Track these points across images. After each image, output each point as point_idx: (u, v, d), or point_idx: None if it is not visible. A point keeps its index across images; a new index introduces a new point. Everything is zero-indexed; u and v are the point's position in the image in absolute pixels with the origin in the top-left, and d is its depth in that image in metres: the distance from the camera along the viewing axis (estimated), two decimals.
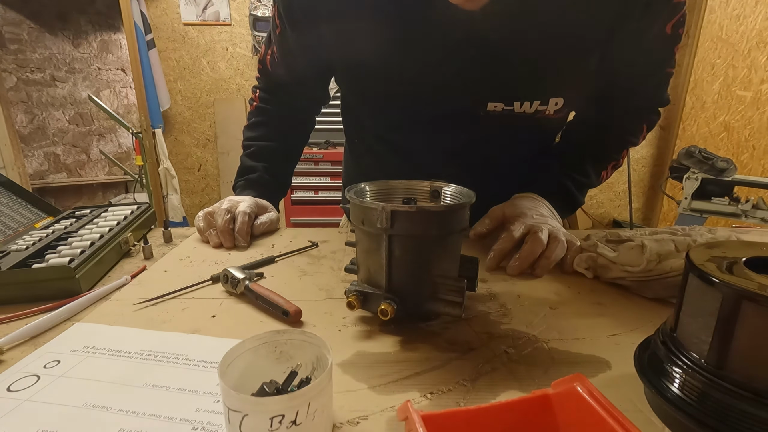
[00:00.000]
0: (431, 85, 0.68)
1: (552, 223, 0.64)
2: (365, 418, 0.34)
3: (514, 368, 0.40)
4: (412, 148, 0.79)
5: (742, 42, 2.56)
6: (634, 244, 0.57)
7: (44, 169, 4.22)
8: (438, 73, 0.66)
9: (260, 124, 0.88)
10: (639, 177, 3.15)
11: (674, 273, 0.52)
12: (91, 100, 2.71)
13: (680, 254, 0.53)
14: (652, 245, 0.55)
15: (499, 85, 0.66)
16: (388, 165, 0.83)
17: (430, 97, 0.69)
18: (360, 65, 0.71)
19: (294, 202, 2.66)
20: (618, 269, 0.57)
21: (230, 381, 0.31)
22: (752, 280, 0.29)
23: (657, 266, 0.53)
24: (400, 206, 0.42)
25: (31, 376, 0.39)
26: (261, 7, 2.68)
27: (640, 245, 0.56)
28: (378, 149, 0.84)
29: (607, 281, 0.59)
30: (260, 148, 0.87)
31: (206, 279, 0.59)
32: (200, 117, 2.95)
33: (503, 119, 0.69)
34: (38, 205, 0.82)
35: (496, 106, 0.67)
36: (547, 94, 0.65)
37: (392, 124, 0.78)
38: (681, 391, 0.31)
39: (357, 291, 0.46)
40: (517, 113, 0.67)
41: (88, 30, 4.12)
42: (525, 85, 0.66)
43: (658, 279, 0.53)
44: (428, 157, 0.78)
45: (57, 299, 0.52)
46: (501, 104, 0.67)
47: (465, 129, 0.73)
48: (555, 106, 0.66)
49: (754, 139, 2.55)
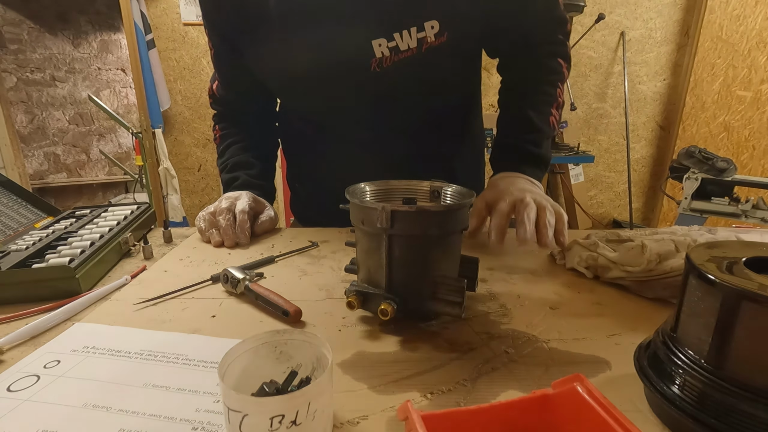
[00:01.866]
0: (324, 32, 0.68)
1: (534, 190, 0.65)
2: (365, 418, 0.34)
3: (514, 368, 0.40)
4: (332, 124, 0.81)
5: (742, 42, 2.56)
6: (634, 244, 0.57)
7: (44, 169, 4.22)
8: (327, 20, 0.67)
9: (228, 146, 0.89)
10: (639, 177, 3.15)
11: (674, 273, 0.52)
12: (91, 100, 2.71)
13: (680, 254, 0.53)
14: (652, 245, 0.55)
15: (374, 13, 0.65)
16: (313, 144, 0.86)
17: (326, 49, 0.69)
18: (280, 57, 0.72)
19: None
20: (618, 269, 0.57)
21: (230, 381, 0.31)
22: (752, 280, 0.29)
23: (657, 266, 0.53)
24: (400, 206, 0.42)
25: (31, 376, 0.39)
26: None
27: (640, 245, 0.56)
28: (300, 130, 0.87)
29: (607, 281, 0.59)
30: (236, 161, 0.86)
31: (206, 279, 0.59)
32: (200, 117, 2.95)
33: (395, 71, 0.69)
34: (38, 205, 0.82)
35: (380, 44, 0.66)
36: (422, 17, 0.64)
37: (312, 104, 0.81)
38: (681, 391, 0.31)
39: (357, 291, 0.46)
40: (403, 54, 0.67)
41: (88, 30, 4.12)
42: (398, 8, 0.65)
43: (658, 279, 0.53)
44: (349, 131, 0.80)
45: (57, 299, 0.52)
46: (384, 40, 0.66)
47: (364, 93, 0.73)
48: (432, 30, 0.65)
49: (754, 139, 2.55)
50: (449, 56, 0.70)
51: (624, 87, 2.89)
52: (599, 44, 2.87)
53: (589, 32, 2.71)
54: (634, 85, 2.93)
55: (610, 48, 2.88)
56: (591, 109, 2.99)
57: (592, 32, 2.74)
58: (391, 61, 0.68)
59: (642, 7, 2.80)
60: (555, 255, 0.69)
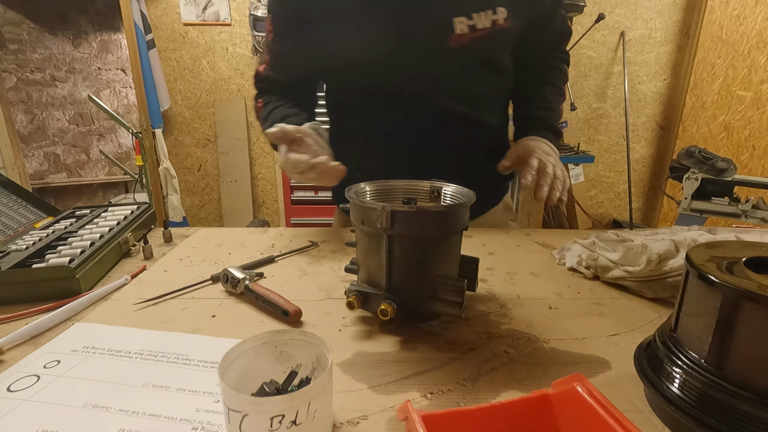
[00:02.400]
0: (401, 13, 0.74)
1: (555, 157, 0.78)
2: (365, 418, 0.34)
3: (514, 368, 0.40)
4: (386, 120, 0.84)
5: (742, 42, 2.56)
6: (634, 244, 0.57)
7: (44, 169, 4.22)
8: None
9: (274, 108, 0.85)
10: (639, 177, 3.15)
11: (675, 273, 0.52)
12: (91, 100, 2.71)
13: (681, 254, 0.53)
14: (652, 245, 0.55)
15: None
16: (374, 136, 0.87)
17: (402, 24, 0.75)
18: (347, 52, 0.77)
19: (294, 202, 2.66)
20: (618, 269, 0.57)
21: (230, 381, 0.31)
22: (752, 280, 0.29)
23: (657, 266, 0.53)
24: (400, 206, 0.42)
25: (31, 376, 0.39)
26: (261, 7, 2.68)
27: (640, 245, 0.56)
28: (363, 121, 0.88)
29: (607, 281, 0.59)
30: (284, 113, 0.82)
31: (206, 279, 0.59)
32: (200, 117, 2.95)
33: (471, 47, 0.76)
34: (38, 205, 0.82)
35: (461, 22, 0.73)
36: (494, 3, 0.74)
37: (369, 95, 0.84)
38: (681, 391, 0.31)
39: (357, 291, 0.46)
40: (480, 33, 0.74)
41: (88, 30, 4.12)
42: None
43: (658, 279, 0.53)
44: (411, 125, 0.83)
45: (57, 299, 0.52)
46: (465, 19, 0.73)
47: (436, 67, 0.79)
48: (502, 14, 0.74)
49: (754, 139, 2.55)
50: (509, 41, 0.82)
51: (624, 87, 2.88)
52: (599, 44, 2.86)
53: (589, 32, 2.71)
54: (634, 85, 2.93)
55: (610, 48, 2.88)
56: (591, 109, 2.99)
57: (592, 32, 2.74)
58: (468, 39, 0.75)
59: (642, 7, 2.80)
60: (556, 255, 0.69)
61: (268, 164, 3.00)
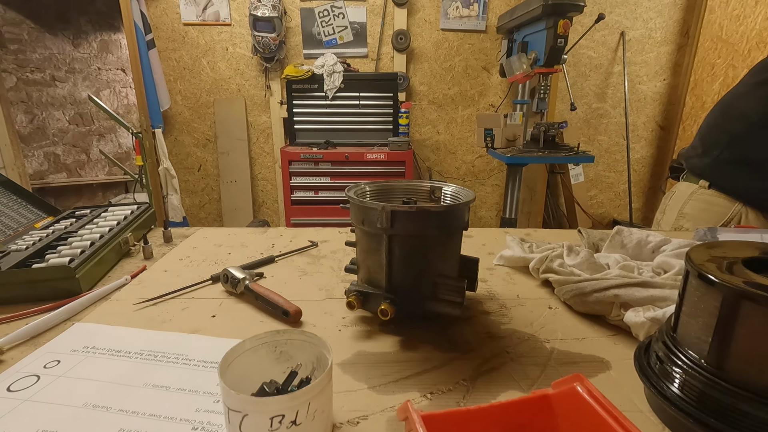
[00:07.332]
0: None
1: None
2: (365, 418, 0.34)
3: (514, 368, 0.40)
4: None
5: (742, 42, 2.56)
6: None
7: (44, 169, 4.22)
8: None
9: None
10: (639, 177, 3.14)
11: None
12: (91, 100, 2.70)
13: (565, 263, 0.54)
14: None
15: None
16: None
17: None
18: None
19: (294, 202, 2.66)
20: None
21: (230, 381, 0.31)
22: (752, 280, 0.29)
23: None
24: (400, 206, 0.42)
25: (31, 376, 0.39)
26: (261, 7, 2.68)
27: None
28: None
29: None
30: None
31: (206, 279, 0.59)
32: (200, 117, 2.95)
33: None
34: (38, 205, 0.82)
35: None
36: None
37: None
38: (681, 391, 0.31)
39: (357, 291, 0.46)
40: None
41: (88, 30, 4.12)
42: None
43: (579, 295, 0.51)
44: None
45: (57, 299, 0.52)
46: None
47: None
48: None
49: None
50: None
51: (624, 87, 2.88)
52: (599, 44, 2.86)
53: (589, 32, 2.71)
54: (634, 85, 2.93)
55: (610, 48, 2.88)
56: (591, 109, 2.99)
57: (592, 32, 2.74)
58: None
59: (642, 7, 2.80)
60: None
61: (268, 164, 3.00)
